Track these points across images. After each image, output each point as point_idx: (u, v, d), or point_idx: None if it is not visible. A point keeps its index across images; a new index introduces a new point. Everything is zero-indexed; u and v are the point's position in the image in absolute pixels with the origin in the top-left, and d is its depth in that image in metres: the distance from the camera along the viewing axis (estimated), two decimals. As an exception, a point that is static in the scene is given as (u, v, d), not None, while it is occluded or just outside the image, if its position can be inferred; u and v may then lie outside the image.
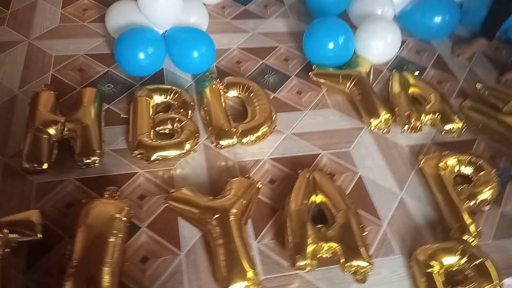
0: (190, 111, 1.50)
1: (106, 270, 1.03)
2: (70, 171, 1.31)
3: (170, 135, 1.43)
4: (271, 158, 1.44)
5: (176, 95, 1.53)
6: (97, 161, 1.31)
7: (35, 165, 1.25)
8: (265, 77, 1.75)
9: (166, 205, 1.25)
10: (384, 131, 1.55)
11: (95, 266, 1.03)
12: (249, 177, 1.33)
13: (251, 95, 1.58)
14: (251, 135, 1.44)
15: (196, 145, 1.40)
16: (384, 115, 1.54)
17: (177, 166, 1.38)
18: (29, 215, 1.12)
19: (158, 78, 1.66)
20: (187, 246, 1.19)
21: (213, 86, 1.58)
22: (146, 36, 1.58)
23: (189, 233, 1.22)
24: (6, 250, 1.07)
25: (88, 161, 1.30)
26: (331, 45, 1.71)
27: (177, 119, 1.45)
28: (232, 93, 1.62)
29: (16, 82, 1.56)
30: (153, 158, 1.34)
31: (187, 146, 1.38)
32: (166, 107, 1.54)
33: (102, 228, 1.11)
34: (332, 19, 1.80)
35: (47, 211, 1.19)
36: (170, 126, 1.44)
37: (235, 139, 1.43)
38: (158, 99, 1.52)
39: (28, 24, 1.82)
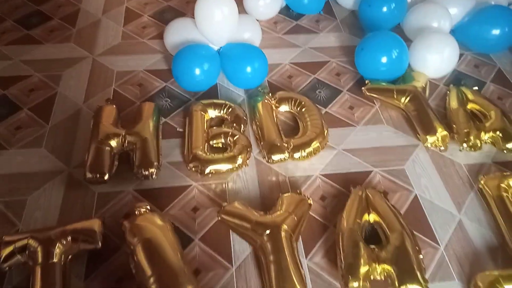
0: (242, 126, 1.53)
1: (181, 269, 1.07)
2: (129, 182, 1.37)
3: (223, 149, 1.47)
4: (322, 174, 1.43)
5: (230, 110, 1.56)
6: (154, 173, 1.36)
7: (97, 175, 1.33)
8: (317, 92, 1.75)
9: (218, 218, 1.28)
10: (441, 148, 1.50)
11: (173, 273, 1.07)
12: (300, 192, 1.33)
13: (303, 110, 1.59)
14: (303, 150, 1.44)
15: (248, 159, 1.42)
16: (441, 132, 1.49)
17: (229, 180, 1.40)
18: (91, 224, 1.18)
19: (212, 93, 1.70)
20: (238, 261, 1.20)
21: (265, 100, 1.60)
22: (202, 53, 1.63)
23: (240, 248, 1.23)
24: (68, 257, 1.13)
25: (147, 173, 1.35)
26: (384, 59, 1.69)
27: (230, 133, 1.48)
28: (284, 107, 1.63)
29: (81, 96, 1.66)
30: (207, 171, 1.37)
31: (240, 160, 1.40)
32: (219, 122, 1.57)
33: (159, 238, 1.14)
34: (385, 32, 1.78)
35: (106, 221, 1.24)
36: (223, 140, 1.47)
37: (286, 154, 1.43)
38: (212, 113, 1.56)
39: (92, 41, 1.93)
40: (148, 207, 1.23)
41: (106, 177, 1.33)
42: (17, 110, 1.60)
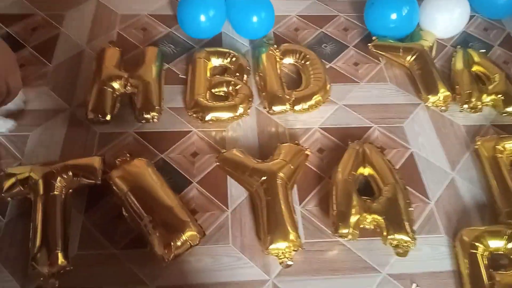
0: (245, 75, 1.53)
1: (176, 208, 1.12)
2: (130, 124, 1.39)
3: (225, 97, 1.47)
4: (321, 128, 1.44)
5: (233, 59, 1.55)
6: (156, 117, 1.38)
7: (99, 116, 1.34)
8: (322, 46, 1.73)
9: (216, 164, 1.31)
10: (442, 108, 1.50)
11: (166, 212, 1.11)
12: (298, 143, 1.35)
13: (307, 63, 1.58)
14: (304, 103, 1.45)
15: (249, 109, 1.43)
16: (444, 92, 1.49)
17: (229, 128, 1.42)
18: (91, 161, 1.21)
19: (216, 41, 1.68)
20: (234, 204, 1.24)
21: (270, 52, 1.59)
22: (208, -1, 1.61)
23: (236, 192, 1.27)
24: (68, 191, 1.17)
25: (148, 116, 1.37)
26: (393, 16, 1.66)
27: (232, 82, 1.48)
28: (288, 60, 1.62)
29: (84, 37, 1.65)
30: (207, 118, 1.39)
31: (240, 110, 1.41)
32: (222, 70, 1.57)
33: (148, 182, 1.17)
34: (396, -12, 1.74)
35: (107, 160, 1.27)
36: (225, 89, 1.48)
37: (287, 106, 1.44)
38: (215, 61, 1.55)
39: (97, -19, 1.89)
40: (128, 154, 1.25)
41: (108, 117, 1.35)
42: (20, 48, 1.59)
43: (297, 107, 1.45)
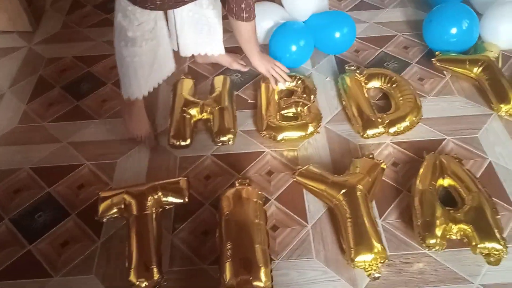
0: (312, 96, 1.58)
1: (258, 247, 1.11)
2: (207, 148, 1.46)
3: (294, 118, 1.52)
4: (393, 142, 1.45)
5: (299, 82, 1.62)
6: (231, 139, 1.45)
7: (180, 141, 1.43)
8: (385, 64, 1.76)
9: (292, 180, 1.34)
10: (517, 117, 1.47)
11: (248, 246, 1.11)
12: (373, 157, 1.36)
13: (393, 85, 1.58)
14: (399, 125, 1.44)
15: (319, 127, 1.47)
16: (517, 101, 1.47)
17: (301, 147, 1.46)
18: (178, 181, 1.28)
19: (281, 67, 1.76)
20: (313, 219, 1.26)
21: (355, 77, 1.61)
22: (296, 29, 1.71)
23: (314, 207, 1.29)
24: (159, 210, 1.24)
25: (224, 138, 1.44)
26: (453, 31, 1.67)
27: (301, 103, 1.53)
28: (374, 84, 1.62)
29: (158, 71, 1.77)
30: (279, 138, 1.44)
31: (311, 128, 1.45)
32: (289, 93, 1.63)
33: (247, 212, 1.18)
34: (453, 4, 1.76)
35: (190, 180, 1.33)
36: (294, 110, 1.53)
37: (381, 129, 1.44)
38: (282, 85, 1.61)
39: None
40: (248, 180, 1.29)
41: (188, 142, 1.44)
42: (102, 85, 1.74)
43: (391, 130, 1.44)
